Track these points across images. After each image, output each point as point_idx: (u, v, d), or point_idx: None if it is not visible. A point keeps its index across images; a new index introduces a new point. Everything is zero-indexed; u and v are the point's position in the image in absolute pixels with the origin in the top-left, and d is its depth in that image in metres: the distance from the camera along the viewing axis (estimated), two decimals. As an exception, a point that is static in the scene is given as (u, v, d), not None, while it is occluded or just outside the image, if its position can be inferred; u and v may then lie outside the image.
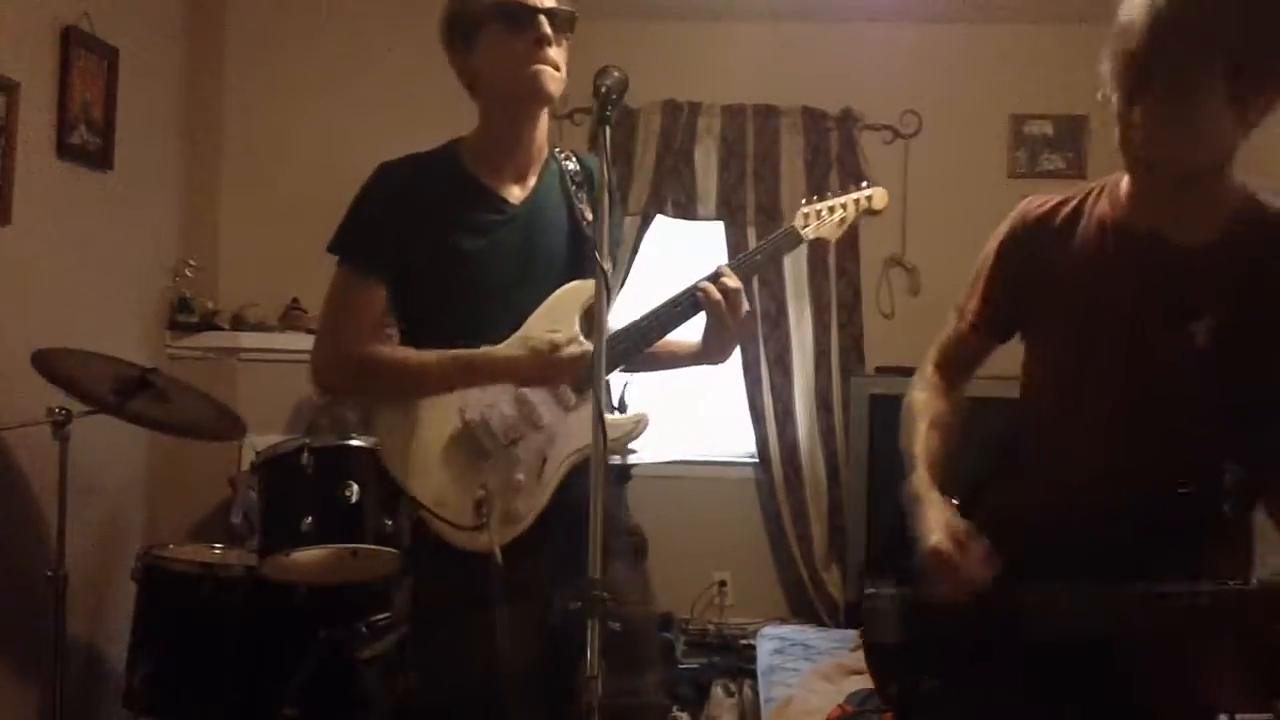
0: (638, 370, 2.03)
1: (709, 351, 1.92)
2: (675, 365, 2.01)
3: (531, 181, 1.92)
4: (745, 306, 1.85)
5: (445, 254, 1.84)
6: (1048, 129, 4.40)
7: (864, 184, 2.07)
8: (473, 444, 1.80)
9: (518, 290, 1.84)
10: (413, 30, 4.26)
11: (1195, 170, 1.41)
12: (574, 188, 1.94)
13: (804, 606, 4.38)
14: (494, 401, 1.82)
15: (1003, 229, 1.72)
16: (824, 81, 4.40)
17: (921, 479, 1.66)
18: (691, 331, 1.92)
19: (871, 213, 2.05)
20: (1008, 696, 1.62)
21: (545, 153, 1.95)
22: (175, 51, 3.92)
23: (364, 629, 2.81)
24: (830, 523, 4.39)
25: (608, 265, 1.56)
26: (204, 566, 2.98)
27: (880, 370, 4.30)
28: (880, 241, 4.35)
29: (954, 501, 1.65)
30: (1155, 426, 1.49)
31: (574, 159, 1.98)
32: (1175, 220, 1.46)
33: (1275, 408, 1.42)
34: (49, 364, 2.80)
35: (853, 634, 3.88)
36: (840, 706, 3.09)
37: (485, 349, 1.82)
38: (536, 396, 1.84)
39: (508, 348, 1.82)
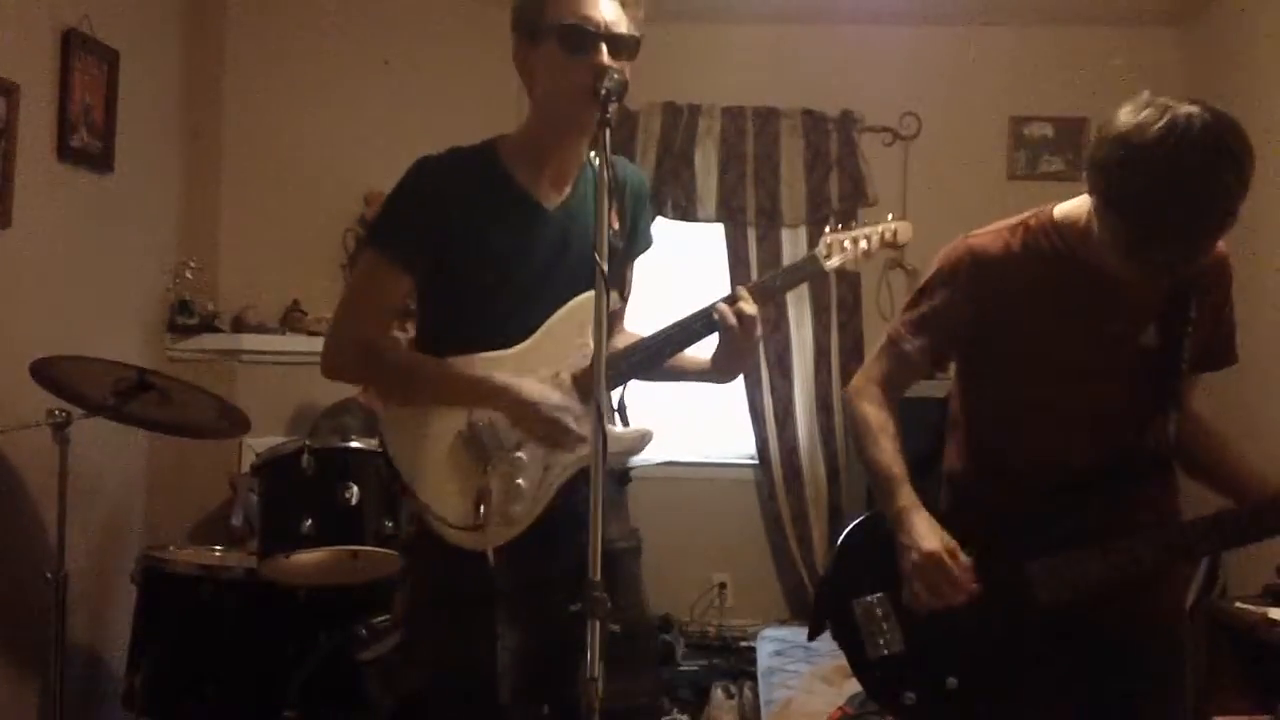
0: (645, 380, 2.02)
1: (719, 371, 1.92)
2: (683, 379, 2.01)
3: (568, 187, 1.91)
4: (758, 332, 1.84)
5: (474, 252, 1.84)
6: (1047, 131, 4.41)
7: (889, 216, 2.03)
8: (478, 446, 1.80)
9: (543, 294, 1.83)
10: (413, 33, 4.28)
11: None
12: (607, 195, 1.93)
13: (804, 608, 4.37)
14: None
15: (947, 268, 1.86)
16: (824, 83, 4.40)
17: (906, 493, 1.78)
18: (702, 347, 1.91)
19: (895, 247, 2.01)
20: (1018, 674, 1.77)
21: (583, 159, 1.94)
22: (176, 54, 3.92)
23: (364, 631, 2.82)
24: (830, 524, 4.39)
25: (606, 266, 1.56)
26: (204, 568, 2.98)
27: (880, 372, 4.30)
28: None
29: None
30: (1108, 420, 1.77)
31: (610, 165, 1.98)
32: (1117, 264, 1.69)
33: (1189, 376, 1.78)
34: (47, 374, 2.80)
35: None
36: (840, 708, 3.09)
37: (487, 372, 1.81)
38: (545, 402, 1.83)
39: (520, 384, 1.81)
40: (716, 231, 4.41)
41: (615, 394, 1.92)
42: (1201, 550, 1.80)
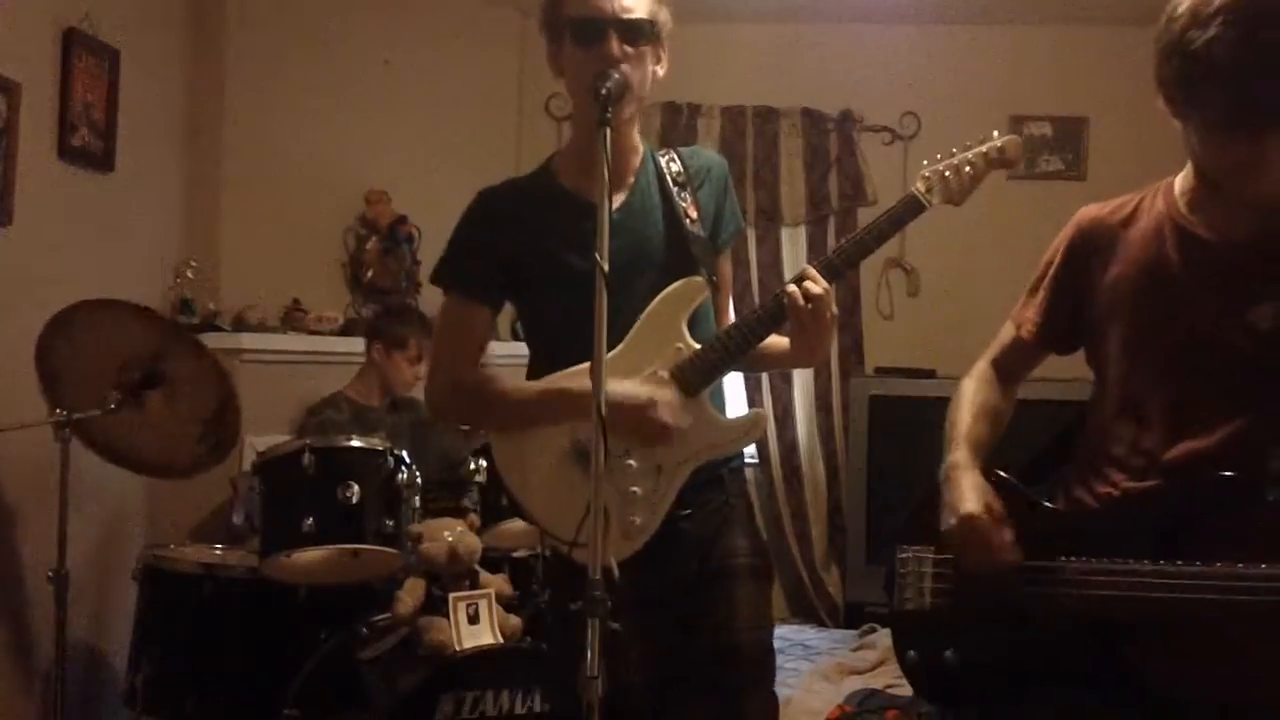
0: (735, 371, 1.97)
1: (798, 354, 1.85)
2: (769, 367, 2.00)
3: (627, 185, 1.89)
4: (832, 309, 1.76)
5: (549, 273, 1.83)
6: (1047, 130, 4.41)
7: (995, 133, 1.86)
8: (585, 459, 1.71)
9: (622, 296, 1.76)
10: (413, 33, 4.29)
11: None
12: (676, 188, 1.91)
13: (804, 607, 4.38)
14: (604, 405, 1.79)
15: (1063, 236, 1.72)
16: (823, 83, 4.41)
17: (962, 453, 1.68)
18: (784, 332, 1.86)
19: (1005, 164, 1.83)
20: (1028, 678, 1.61)
21: (640, 153, 1.92)
22: (176, 53, 3.92)
23: (365, 629, 2.82)
24: (830, 523, 4.40)
25: (606, 265, 1.54)
26: (205, 567, 2.98)
27: (880, 371, 4.31)
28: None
29: (1000, 475, 1.67)
30: (1217, 414, 1.51)
31: (677, 159, 1.95)
32: (1226, 218, 1.52)
33: None
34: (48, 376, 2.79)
35: (853, 634, 3.89)
36: (840, 706, 3.10)
37: (571, 383, 1.77)
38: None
39: (617, 387, 1.74)
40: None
41: (710, 388, 1.86)
42: (1267, 606, 1.39)
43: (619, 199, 1.87)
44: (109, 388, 2.81)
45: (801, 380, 4.41)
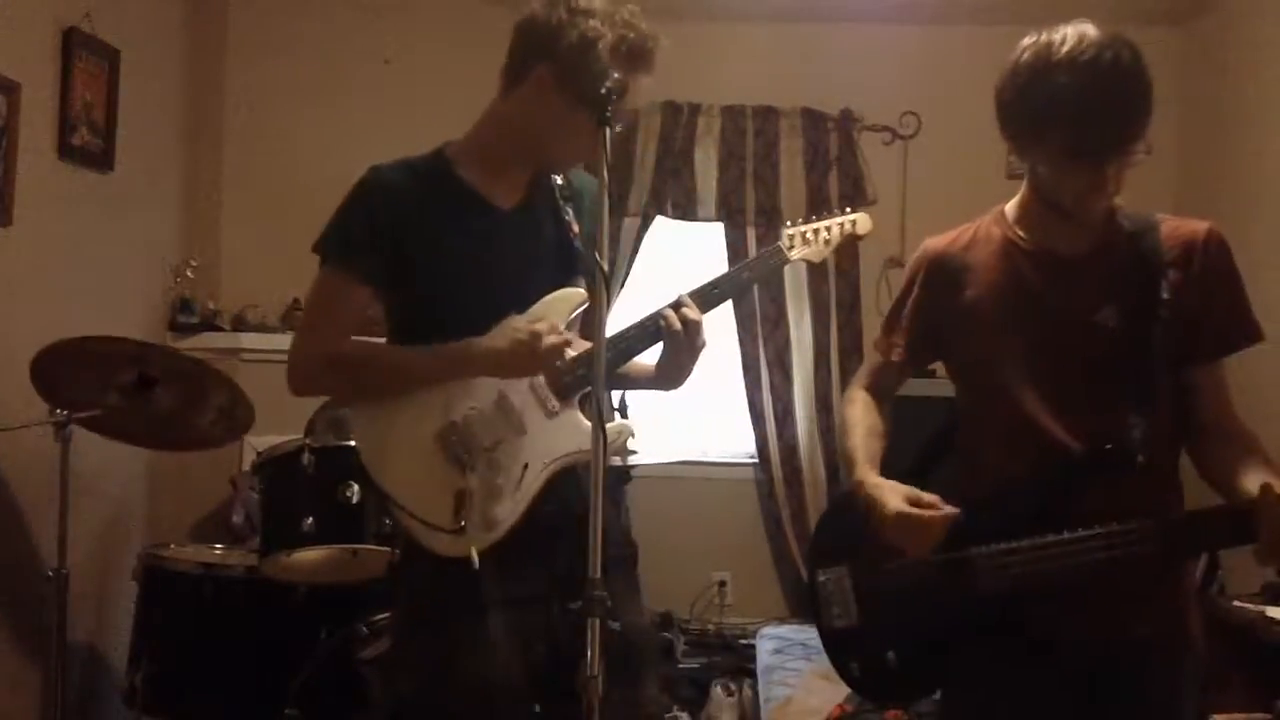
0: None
1: (662, 377, 1.90)
2: (632, 387, 2.03)
3: (523, 191, 1.92)
4: (703, 340, 1.84)
5: (432, 256, 1.83)
6: (1047, 130, 4.41)
7: (848, 209, 2.08)
8: (454, 445, 1.78)
9: (506, 296, 1.82)
10: (414, 33, 4.29)
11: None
12: (562, 201, 1.94)
13: (804, 606, 4.38)
14: (477, 403, 1.81)
15: (913, 269, 1.93)
16: (823, 83, 4.41)
17: (866, 468, 1.84)
18: (651, 354, 1.91)
19: (856, 238, 2.04)
20: (969, 660, 1.76)
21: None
22: (176, 53, 3.92)
23: (364, 629, 2.82)
24: (830, 523, 4.39)
25: (606, 266, 1.56)
26: (205, 566, 2.99)
27: (880, 371, 4.31)
28: (879, 242, 4.35)
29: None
30: (1081, 406, 1.72)
31: (560, 175, 1.98)
32: (1063, 237, 1.76)
33: (1168, 368, 1.71)
34: (48, 375, 2.80)
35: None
36: (840, 706, 3.10)
37: (467, 340, 1.79)
38: (520, 401, 1.83)
39: (489, 338, 1.80)
40: (716, 231, 4.41)
41: (615, 394, 1.92)
42: (1150, 555, 1.63)
43: (516, 199, 1.90)
44: (108, 390, 2.82)
45: (801, 380, 4.41)
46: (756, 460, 4.45)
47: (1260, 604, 3.06)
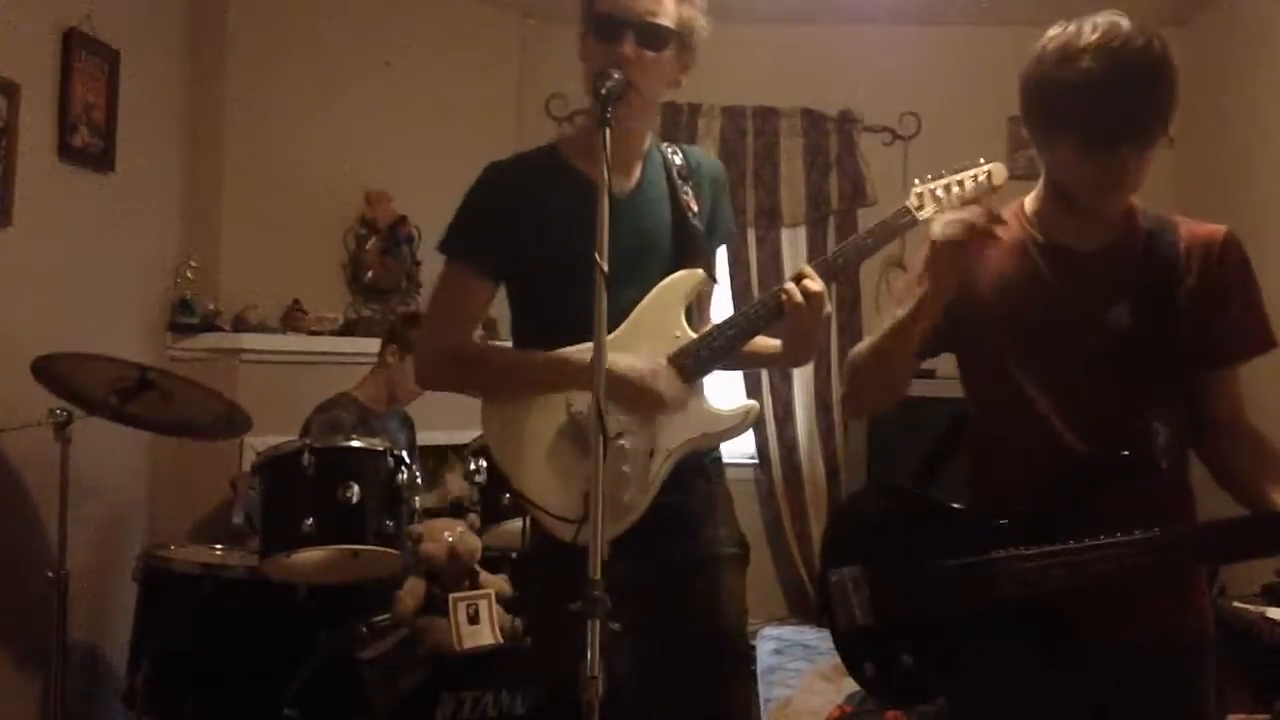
0: (725, 368, 2.00)
1: (789, 353, 1.91)
2: (758, 365, 2.02)
3: (636, 174, 1.92)
4: (827, 309, 1.82)
5: (552, 249, 1.85)
6: (1047, 131, 4.41)
7: (981, 161, 1.96)
8: (579, 438, 1.77)
9: (625, 282, 1.80)
10: (413, 34, 4.29)
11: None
12: (680, 180, 1.94)
13: (804, 607, 4.38)
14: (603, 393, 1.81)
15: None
16: (823, 83, 4.41)
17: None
18: (774, 331, 1.91)
19: (992, 189, 1.93)
20: (985, 662, 1.71)
21: (648, 144, 1.96)
22: (176, 53, 3.92)
23: (365, 630, 2.82)
24: (830, 523, 4.40)
25: (606, 266, 1.55)
26: (205, 567, 2.99)
27: (880, 371, 4.31)
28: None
29: (906, 487, 1.81)
30: (1093, 407, 1.68)
31: (680, 152, 2.00)
32: (1078, 233, 1.72)
33: (1182, 372, 1.69)
34: (49, 373, 2.80)
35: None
36: (840, 707, 3.10)
37: (574, 356, 1.79)
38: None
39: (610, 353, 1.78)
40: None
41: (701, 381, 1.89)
42: (1171, 561, 1.60)
43: (628, 186, 1.89)
44: (108, 393, 2.82)
45: (801, 380, 4.41)
46: (756, 460, 4.45)
47: (1260, 604, 3.06)
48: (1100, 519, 1.62)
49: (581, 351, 1.76)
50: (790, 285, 1.80)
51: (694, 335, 1.84)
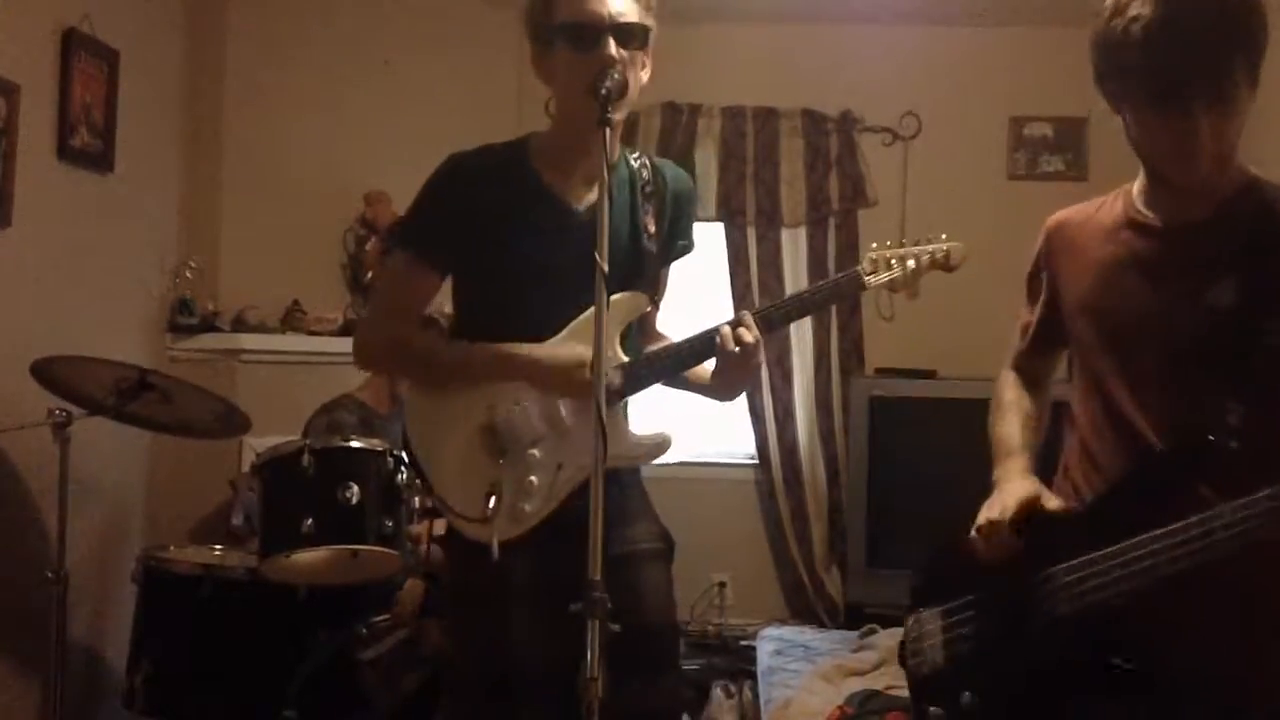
0: (666, 386, 2.02)
1: (716, 390, 1.95)
2: (690, 390, 2.03)
3: (595, 189, 1.90)
4: (759, 360, 1.84)
5: (502, 252, 1.85)
6: (1047, 131, 4.41)
7: (942, 236, 1.93)
8: (495, 440, 1.82)
9: (569, 295, 1.82)
10: (413, 34, 4.29)
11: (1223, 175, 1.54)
12: (641, 198, 1.93)
13: (804, 608, 4.38)
14: (522, 402, 1.84)
15: (1039, 242, 1.80)
16: (824, 84, 4.40)
17: (1007, 465, 1.72)
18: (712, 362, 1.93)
19: (947, 269, 1.91)
20: (1056, 702, 1.58)
21: (617, 155, 1.94)
22: (176, 54, 3.92)
23: (364, 630, 2.82)
24: (830, 524, 4.39)
25: (606, 268, 1.56)
26: (204, 568, 2.98)
27: (880, 372, 4.30)
28: (880, 243, 4.35)
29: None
30: (1174, 399, 1.55)
31: (649, 166, 1.98)
32: (1175, 208, 1.58)
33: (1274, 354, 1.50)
34: (48, 374, 2.80)
35: (853, 635, 3.89)
36: (840, 708, 3.09)
37: (515, 346, 1.83)
38: (566, 404, 1.85)
39: (543, 350, 1.84)
40: (716, 231, 4.41)
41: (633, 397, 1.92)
42: (1225, 542, 1.38)
43: (590, 197, 1.88)
44: (107, 393, 2.82)
45: (801, 381, 4.41)
46: (756, 461, 4.45)
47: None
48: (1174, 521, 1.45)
49: (529, 348, 1.82)
50: (725, 329, 1.82)
51: (624, 359, 1.87)
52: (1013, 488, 1.66)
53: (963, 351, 3.76)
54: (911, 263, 1.89)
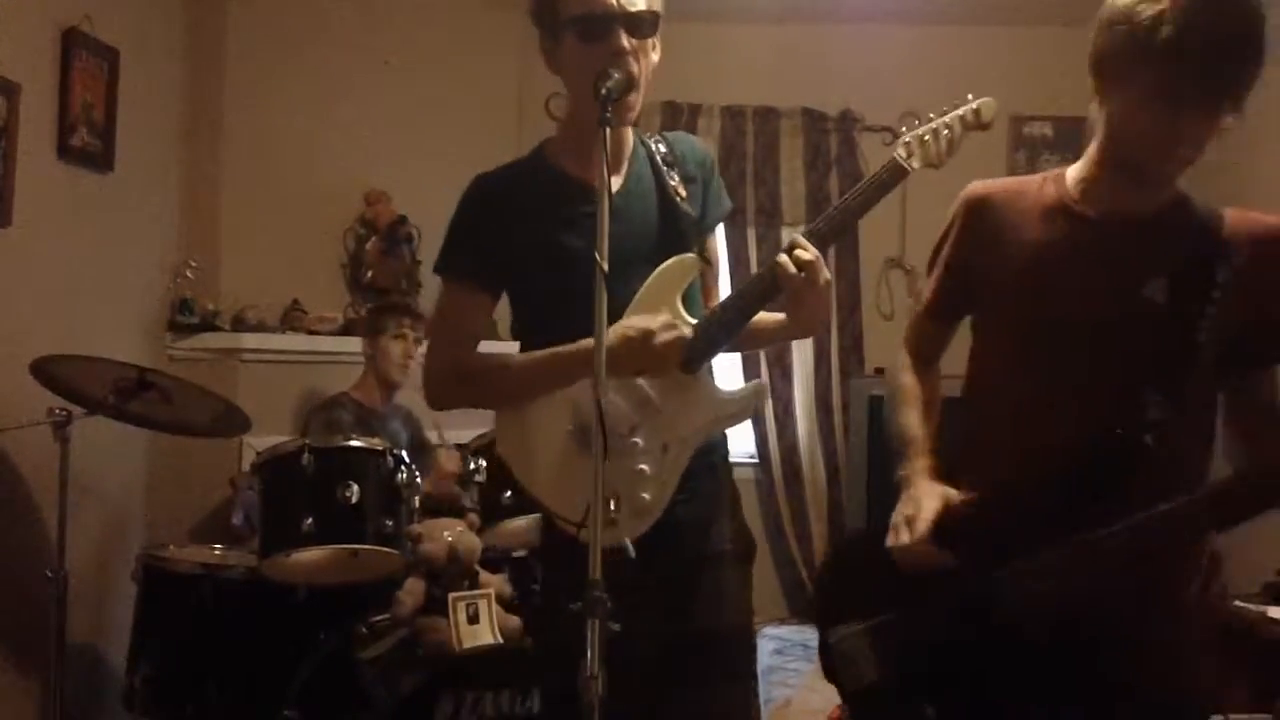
0: (733, 350, 1.97)
1: (795, 325, 1.87)
2: (766, 343, 1.99)
3: (623, 170, 1.90)
4: (826, 276, 1.75)
5: (547, 255, 1.83)
6: (1047, 130, 4.42)
7: (969, 96, 1.86)
8: (587, 440, 1.73)
9: (622, 279, 1.76)
10: (414, 33, 4.29)
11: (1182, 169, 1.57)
12: (666, 168, 1.92)
13: (804, 607, 4.38)
14: (606, 393, 1.79)
15: (954, 213, 1.82)
16: (823, 83, 4.41)
17: (915, 461, 1.75)
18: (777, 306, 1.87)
19: (981, 127, 1.84)
20: (1007, 699, 1.60)
21: (632, 138, 1.93)
22: (176, 53, 3.92)
23: (365, 629, 2.82)
24: (830, 523, 4.40)
25: (606, 265, 1.55)
26: (204, 567, 2.98)
27: (880, 371, 4.31)
28: (880, 243, 4.36)
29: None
30: (1114, 384, 1.55)
31: (663, 141, 1.97)
32: (1125, 201, 1.60)
33: (1209, 366, 1.54)
34: (48, 373, 2.80)
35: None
36: (840, 707, 3.09)
37: (580, 342, 1.77)
38: (647, 383, 1.80)
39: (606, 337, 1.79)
40: (716, 230, 4.41)
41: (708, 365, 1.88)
42: (1165, 538, 1.46)
43: (616, 183, 1.87)
44: (107, 392, 2.82)
45: (801, 380, 4.41)
46: (756, 460, 4.45)
47: (1260, 604, 3.06)
48: (1098, 517, 1.49)
49: (586, 342, 1.74)
50: (783, 257, 1.75)
51: (693, 322, 1.82)
52: (920, 493, 1.68)
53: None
54: (946, 133, 1.84)
